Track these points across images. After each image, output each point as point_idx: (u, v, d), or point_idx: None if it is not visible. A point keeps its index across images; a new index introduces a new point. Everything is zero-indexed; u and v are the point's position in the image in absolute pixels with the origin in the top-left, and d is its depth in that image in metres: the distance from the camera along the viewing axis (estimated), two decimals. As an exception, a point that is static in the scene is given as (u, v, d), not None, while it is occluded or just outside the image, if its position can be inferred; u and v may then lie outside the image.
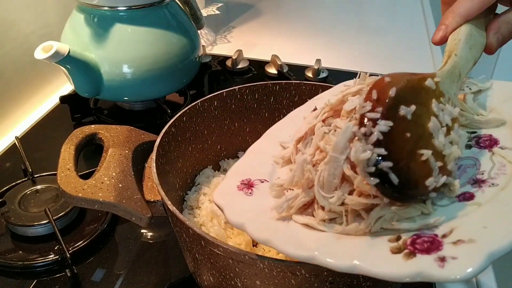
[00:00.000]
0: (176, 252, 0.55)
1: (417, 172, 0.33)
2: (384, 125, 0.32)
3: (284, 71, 0.91)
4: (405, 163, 0.33)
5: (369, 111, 0.33)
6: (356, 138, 0.33)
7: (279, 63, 0.92)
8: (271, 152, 0.47)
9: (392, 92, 0.33)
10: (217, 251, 0.38)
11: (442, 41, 0.43)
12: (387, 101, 0.33)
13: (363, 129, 0.33)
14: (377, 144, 0.32)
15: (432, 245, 0.31)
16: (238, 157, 0.60)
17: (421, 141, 0.34)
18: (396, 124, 0.33)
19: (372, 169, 0.32)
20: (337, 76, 0.92)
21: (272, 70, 0.93)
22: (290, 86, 0.59)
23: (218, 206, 0.40)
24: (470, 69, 0.42)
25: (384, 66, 0.98)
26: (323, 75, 0.90)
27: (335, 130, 0.39)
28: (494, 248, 0.29)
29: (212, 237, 0.38)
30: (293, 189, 0.40)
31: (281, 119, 0.60)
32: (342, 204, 0.36)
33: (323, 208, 0.37)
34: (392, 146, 0.32)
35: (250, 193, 0.42)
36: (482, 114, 0.42)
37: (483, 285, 0.53)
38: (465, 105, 0.42)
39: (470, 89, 0.43)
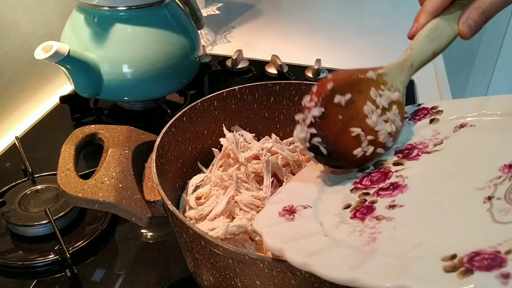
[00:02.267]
0: (176, 252, 0.55)
1: (346, 145, 0.42)
2: (316, 111, 0.41)
3: (284, 71, 0.91)
4: (333, 138, 0.41)
5: (308, 102, 0.42)
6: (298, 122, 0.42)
7: (279, 63, 0.92)
8: (316, 179, 0.45)
9: (329, 85, 0.41)
10: (217, 251, 0.38)
11: (414, 37, 0.47)
12: (323, 93, 0.41)
13: (300, 116, 0.42)
14: (310, 125, 0.41)
15: (494, 262, 0.27)
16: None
17: (354, 120, 0.42)
18: (330, 109, 0.41)
19: (308, 144, 0.42)
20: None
21: (272, 70, 0.93)
22: (290, 86, 0.59)
23: (257, 233, 0.38)
24: (427, 59, 0.46)
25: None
26: (323, 75, 0.90)
27: None
28: None
29: (212, 237, 0.38)
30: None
31: (281, 119, 0.60)
32: None
33: None
34: (324, 126, 0.41)
35: (292, 218, 0.40)
36: None
37: (483, 285, 0.52)
38: None
39: None
